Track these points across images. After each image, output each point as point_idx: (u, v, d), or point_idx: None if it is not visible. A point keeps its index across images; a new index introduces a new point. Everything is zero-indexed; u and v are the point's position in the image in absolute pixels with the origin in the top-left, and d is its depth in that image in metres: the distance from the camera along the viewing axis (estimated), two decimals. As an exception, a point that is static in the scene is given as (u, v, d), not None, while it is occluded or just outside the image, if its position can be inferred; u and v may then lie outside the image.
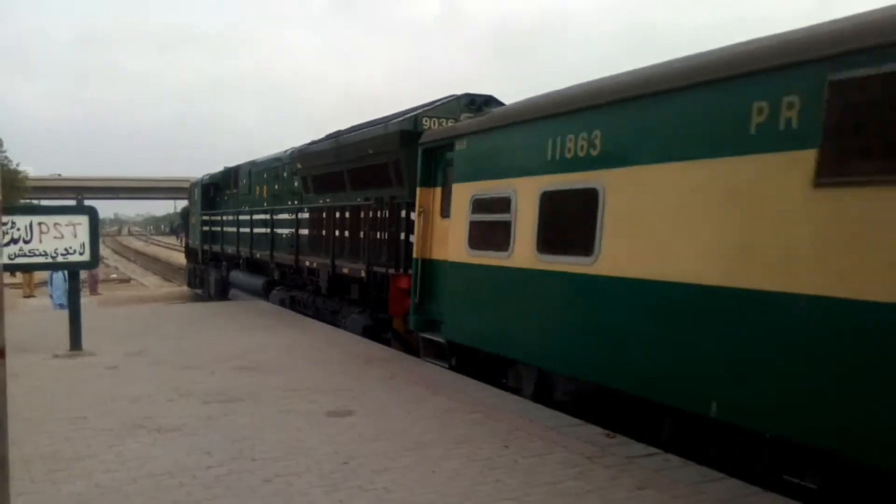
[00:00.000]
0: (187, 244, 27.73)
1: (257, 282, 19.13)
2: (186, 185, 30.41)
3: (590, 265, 7.07)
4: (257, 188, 19.92)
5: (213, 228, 22.98)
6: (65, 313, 11.17)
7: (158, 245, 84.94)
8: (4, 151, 57.46)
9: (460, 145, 9.54)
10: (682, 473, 5.78)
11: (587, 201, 7.11)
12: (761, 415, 5.52)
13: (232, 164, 22.37)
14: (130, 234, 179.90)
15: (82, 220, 10.62)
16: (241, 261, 20.78)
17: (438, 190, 10.35)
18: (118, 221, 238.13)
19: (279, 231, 17.45)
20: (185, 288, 29.09)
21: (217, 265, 23.21)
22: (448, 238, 9.70)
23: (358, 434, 6.69)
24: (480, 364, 9.38)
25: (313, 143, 16.29)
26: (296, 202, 17.07)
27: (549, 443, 6.52)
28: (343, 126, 15.97)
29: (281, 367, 9.71)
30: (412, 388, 8.60)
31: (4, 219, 10.17)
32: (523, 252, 8.09)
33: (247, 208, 19.88)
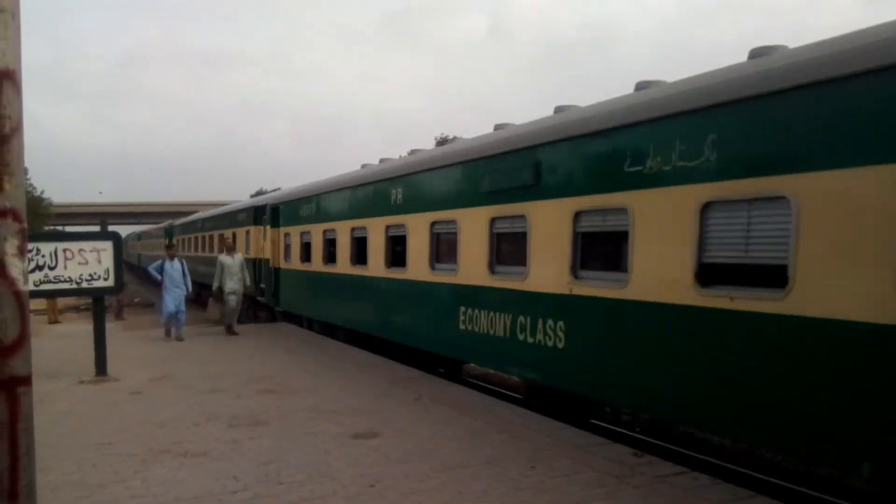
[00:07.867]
0: None
1: None
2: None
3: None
4: None
5: None
6: (88, 339, 11.18)
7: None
8: (28, 178, 58.29)
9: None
10: (713, 492, 5.69)
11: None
12: None
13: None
14: None
15: (106, 246, 10.73)
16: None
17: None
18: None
19: None
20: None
21: None
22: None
23: (384, 456, 6.64)
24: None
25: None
26: None
27: (577, 462, 6.43)
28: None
29: (306, 389, 9.71)
30: (439, 408, 8.54)
31: (29, 245, 10.23)
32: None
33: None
